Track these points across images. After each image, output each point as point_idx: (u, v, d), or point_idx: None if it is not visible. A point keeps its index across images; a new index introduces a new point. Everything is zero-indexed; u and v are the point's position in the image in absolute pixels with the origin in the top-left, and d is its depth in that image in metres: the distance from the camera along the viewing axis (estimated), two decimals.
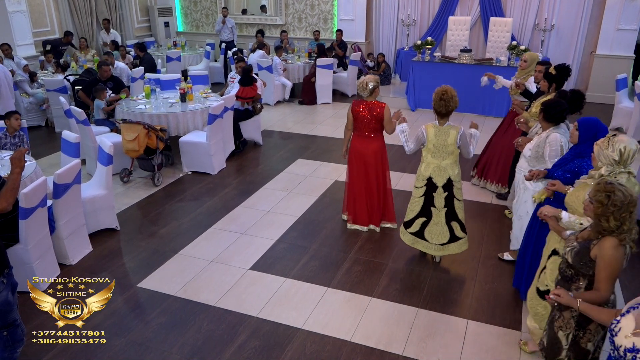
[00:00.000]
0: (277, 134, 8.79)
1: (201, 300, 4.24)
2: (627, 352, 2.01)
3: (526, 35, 10.98)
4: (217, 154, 6.90)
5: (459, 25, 10.83)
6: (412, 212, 4.65)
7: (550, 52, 10.82)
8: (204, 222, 5.58)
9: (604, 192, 2.48)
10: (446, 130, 4.35)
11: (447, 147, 4.35)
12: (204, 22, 14.15)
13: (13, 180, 2.97)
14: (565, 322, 2.75)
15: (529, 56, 6.02)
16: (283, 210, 5.85)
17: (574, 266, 2.68)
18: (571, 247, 2.72)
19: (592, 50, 10.66)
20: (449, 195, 4.47)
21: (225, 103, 6.94)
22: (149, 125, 6.39)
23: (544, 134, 4.13)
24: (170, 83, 8.47)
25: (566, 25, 10.70)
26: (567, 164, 3.62)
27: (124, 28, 13.08)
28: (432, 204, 4.52)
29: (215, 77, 12.27)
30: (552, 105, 4.05)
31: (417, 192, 4.56)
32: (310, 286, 4.45)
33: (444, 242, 4.60)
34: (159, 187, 6.48)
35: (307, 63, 11.03)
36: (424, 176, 4.48)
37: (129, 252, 5.02)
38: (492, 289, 4.42)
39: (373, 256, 4.94)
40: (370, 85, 4.90)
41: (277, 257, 4.91)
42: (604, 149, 2.99)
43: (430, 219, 4.56)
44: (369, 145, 5.08)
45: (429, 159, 4.45)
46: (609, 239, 2.50)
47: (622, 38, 10.15)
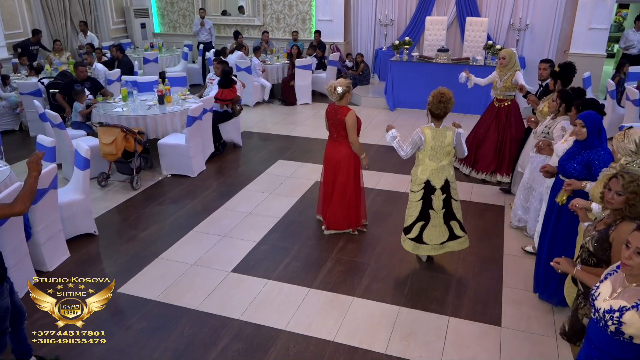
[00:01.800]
0: (256, 135, 8.77)
1: (183, 305, 4.20)
2: (605, 313, 2.27)
3: (502, 35, 11.15)
4: (196, 156, 6.85)
5: (436, 25, 10.94)
6: (410, 217, 4.57)
7: (525, 51, 11.00)
8: (185, 225, 5.53)
9: (634, 182, 2.62)
10: (443, 131, 4.32)
11: (444, 148, 4.32)
12: (181, 23, 14.02)
13: (30, 184, 3.02)
14: (590, 310, 2.77)
15: (506, 53, 6.21)
16: (264, 212, 5.84)
17: (595, 254, 2.78)
18: (591, 236, 2.83)
19: (565, 49, 10.87)
20: (447, 196, 4.45)
21: (204, 105, 6.89)
22: (126, 128, 6.32)
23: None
24: (148, 85, 8.38)
25: (540, 25, 10.89)
26: (575, 157, 3.73)
27: (99, 30, 12.88)
28: (431, 207, 4.46)
29: (193, 78, 12.17)
30: (591, 107, 3.97)
31: (415, 197, 4.49)
32: (292, 287, 4.45)
33: (443, 240, 4.58)
34: (137, 190, 6.41)
35: (285, 64, 11.03)
36: (421, 180, 4.42)
37: (108, 257, 4.95)
38: (472, 285, 4.48)
39: (355, 256, 4.96)
40: (339, 90, 4.78)
41: (258, 259, 4.90)
42: (620, 142, 3.16)
43: (429, 222, 4.51)
44: (339, 150, 5.04)
45: (426, 162, 4.38)
46: (627, 223, 2.63)
47: (594, 37, 10.37)
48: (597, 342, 2.38)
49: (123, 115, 6.81)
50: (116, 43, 11.03)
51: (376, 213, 5.80)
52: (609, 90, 8.25)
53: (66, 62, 9.99)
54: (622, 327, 2.22)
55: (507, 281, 4.52)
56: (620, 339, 2.26)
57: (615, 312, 2.24)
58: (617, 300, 2.26)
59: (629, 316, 2.20)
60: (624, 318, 2.21)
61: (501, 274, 4.64)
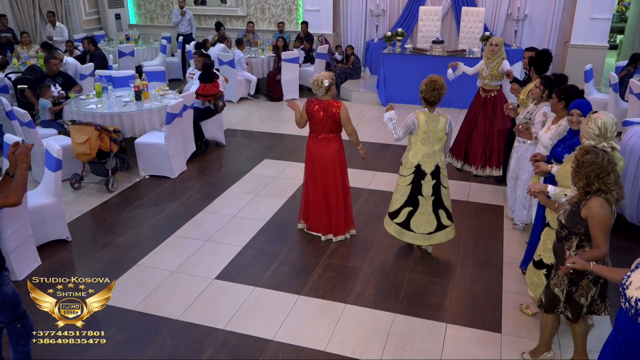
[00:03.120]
0: (241, 133, 8.75)
1: (163, 314, 4.19)
2: (638, 302, 2.39)
3: (499, 26, 11.25)
4: (176, 156, 6.82)
5: (430, 16, 11.00)
6: (397, 201, 4.81)
7: (524, 42, 11.10)
8: (165, 230, 5.51)
9: (583, 150, 3.00)
10: (436, 117, 4.58)
11: (437, 133, 4.57)
12: (158, 14, 13.96)
13: (22, 175, 3.16)
14: (559, 280, 3.30)
15: (498, 40, 6.48)
16: (249, 215, 5.83)
17: (567, 226, 3.19)
18: (564, 210, 3.23)
19: (566, 40, 11.00)
20: (436, 183, 4.68)
21: (184, 101, 6.87)
22: (101, 127, 6.27)
23: (562, 122, 4.30)
24: (124, 80, 8.33)
25: (539, 15, 11.01)
26: (565, 141, 4.02)
27: (71, 21, 12.76)
28: (420, 193, 4.70)
29: (172, 73, 12.12)
30: (571, 94, 4.21)
31: (404, 181, 4.73)
32: (280, 294, 4.45)
33: (431, 230, 4.78)
34: (113, 193, 6.37)
35: (271, 57, 11.02)
36: (412, 164, 4.67)
37: (82, 265, 4.92)
38: (470, 291, 4.52)
39: (346, 260, 4.97)
40: (326, 83, 4.86)
41: (244, 264, 4.89)
42: (585, 126, 3.45)
43: (417, 209, 4.74)
44: (325, 148, 5.06)
45: (418, 145, 4.63)
46: (595, 199, 2.99)
47: (595, 27, 10.51)
48: (627, 332, 2.50)
49: (97, 113, 6.76)
50: (89, 35, 10.95)
51: (369, 214, 5.82)
52: (612, 84, 8.35)
53: (35, 56, 9.88)
54: None
55: (507, 285, 4.56)
56: None
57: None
58: None
59: None
60: None
61: (501, 278, 4.68)
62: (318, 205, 5.23)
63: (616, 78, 8.32)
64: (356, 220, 5.66)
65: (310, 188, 5.24)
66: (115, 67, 10.63)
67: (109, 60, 10.26)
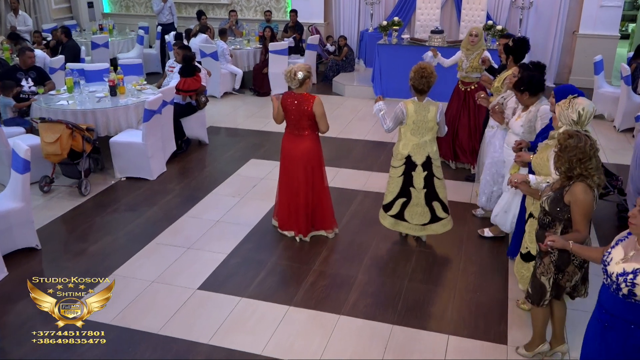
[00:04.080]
0: (225, 130, 8.74)
1: (142, 328, 4.17)
2: (619, 276, 2.64)
3: (503, 14, 11.31)
4: (155, 156, 6.81)
5: (429, 4, 11.04)
6: (390, 193, 5.01)
7: (530, 31, 11.16)
8: (143, 236, 5.49)
9: (566, 134, 3.18)
10: (426, 106, 4.75)
11: (427, 123, 4.75)
12: (135, 2, 13.90)
13: None
14: (545, 268, 3.45)
15: (478, 30, 6.67)
16: (235, 219, 5.83)
17: (550, 213, 3.36)
18: (547, 196, 3.39)
19: (574, 29, 11.08)
20: (428, 174, 4.86)
21: (163, 96, 6.85)
22: (72, 124, 6.24)
23: (532, 108, 4.67)
24: (97, 74, 8.30)
25: (546, 2, 11.06)
26: (546, 131, 4.18)
27: (39, 9, 12.69)
28: (411, 184, 4.88)
29: (150, 66, 12.08)
30: (530, 80, 4.58)
31: (395, 172, 4.93)
32: (269, 306, 4.45)
33: (425, 222, 4.99)
34: (87, 196, 6.34)
35: (257, 48, 11.02)
36: (402, 155, 4.86)
37: (53, 275, 4.82)
38: (473, 299, 4.54)
39: (340, 268, 4.98)
40: (300, 75, 4.88)
41: (229, 273, 4.89)
42: (564, 110, 3.59)
43: (410, 199, 4.93)
44: (299, 145, 5.10)
45: (407, 136, 4.84)
46: (578, 185, 3.17)
47: (606, 16, 10.59)
48: (609, 306, 2.77)
49: (68, 109, 6.73)
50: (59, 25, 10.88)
51: (364, 218, 5.83)
52: (624, 76, 8.42)
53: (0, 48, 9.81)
54: (635, 288, 2.58)
55: (514, 293, 4.58)
56: (632, 301, 2.64)
57: (629, 274, 2.60)
58: (630, 263, 2.62)
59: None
60: (637, 279, 2.56)
61: (506, 286, 4.70)
62: (287, 203, 5.31)
63: (628, 70, 8.38)
64: (350, 224, 5.69)
65: (284, 186, 5.31)
66: (88, 59, 10.57)
67: (81, 52, 10.20)
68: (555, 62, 11.25)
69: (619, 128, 8.51)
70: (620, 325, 2.73)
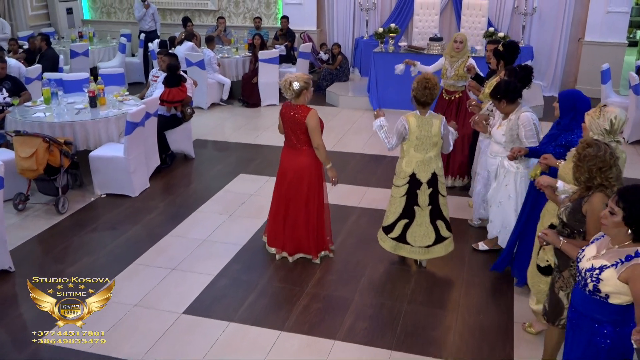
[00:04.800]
0: (212, 144, 8.75)
1: (123, 356, 4.14)
2: (587, 272, 2.86)
3: (505, 20, 11.43)
4: (138, 171, 6.80)
5: (427, 10, 11.15)
6: (392, 214, 4.95)
7: (533, 39, 11.30)
8: (124, 257, 5.47)
9: (585, 143, 3.24)
10: (429, 119, 4.71)
11: (431, 138, 4.71)
12: (117, 8, 13.97)
13: None
14: (565, 282, 3.47)
15: (462, 37, 6.78)
16: (223, 238, 5.82)
17: (569, 225, 3.39)
18: (565, 207, 3.44)
19: (580, 36, 11.21)
20: (433, 191, 4.83)
21: (146, 107, 6.86)
22: (49, 138, 6.24)
23: (512, 116, 4.85)
24: (76, 84, 8.30)
25: (550, 8, 11.19)
26: (556, 139, 4.35)
27: (15, 16, 12.72)
28: (416, 203, 4.84)
29: (133, 75, 12.12)
30: (506, 88, 4.78)
31: (398, 192, 4.89)
32: (259, 330, 4.43)
33: (429, 243, 4.94)
34: (64, 215, 6.32)
35: (247, 57, 11.07)
36: (406, 173, 4.83)
37: (27, 299, 4.79)
38: (477, 322, 4.53)
39: (335, 289, 4.97)
40: (296, 86, 4.85)
41: (217, 296, 4.87)
42: (595, 119, 3.65)
43: (413, 220, 4.88)
44: (295, 160, 5.09)
45: (411, 153, 4.79)
46: (597, 195, 3.20)
47: (612, 22, 10.72)
48: (577, 303, 3.00)
49: (45, 122, 6.72)
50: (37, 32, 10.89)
51: (360, 237, 5.83)
52: (632, 85, 8.50)
53: None
54: (600, 284, 2.79)
55: (520, 315, 4.58)
56: (597, 298, 2.84)
57: (595, 270, 2.81)
58: (599, 260, 2.83)
59: (608, 274, 2.76)
60: (602, 275, 2.77)
61: (511, 307, 4.71)
62: (277, 219, 5.30)
63: (637, 78, 8.47)
64: (345, 243, 5.68)
65: (279, 203, 5.29)
66: (66, 69, 10.59)
67: (59, 61, 10.21)
68: (560, 71, 11.35)
69: (627, 140, 8.57)
70: (585, 322, 2.94)
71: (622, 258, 2.74)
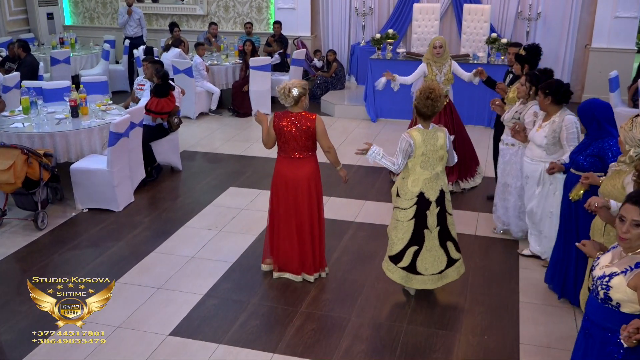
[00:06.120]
0: (201, 155, 8.76)
1: None
2: (598, 279, 2.95)
3: (508, 26, 11.51)
4: (122, 185, 6.80)
5: (427, 15, 11.23)
6: (400, 241, 4.78)
7: None
8: (107, 276, 5.41)
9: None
10: (433, 133, 4.65)
11: (437, 152, 4.65)
12: (100, 13, 14.03)
13: None
14: None
15: (442, 41, 7.02)
16: (212, 255, 5.82)
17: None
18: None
19: (586, 42, 11.29)
20: (440, 210, 4.74)
21: (131, 117, 6.87)
22: (28, 150, 6.24)
23: (556, 118, 4.98)
24: (57, 93, 8.29)
25: (555, 13, 11.28)
26: (586, 149, 4.48)
27: None
28: (425, 226, 4.73)
29: (117, 83, 12.15)
30: (558, 87, 4.89)
31: (405, 215, 4.73)
32: (250, 353, 4.42)
33: (442, 268, 4.85)
34: (43, 231, 6.31)
35: (237, 64, 11.11)
36: (413, 193, 4.69)
37: (4, 321, 4.83)
38: (481, 344, 4.54)
39: (330, 309, 4.97)
40: (295, 92, 4.91)
41: (205, 317, 4.86)
42: (628, 132, 3.70)
43: (422, 246, 4.76)
44: (300, 170, 5.09)
45: (417, 170, 4.67)
46: None
47: (620, 27, 10.79)
48: (590, 312, 3.06)
49: (24, 133, 6.73)
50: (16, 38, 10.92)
51: (357, 253, 5.84)
52: None
53: None
54: (610, 291, 2.86)
55: (525, 336, 4.59)
56: (609, 307, 2.90)
57: (605, 277, 2.89)
58: (611, 268, 2.91)
59: (617, 280, 2.83)
60: (611, 282, 2.84)
61: (517, 327, 4.71)
62: (290, 239, 5.23)
63: None
64: (342, 260, 5.69)
65: (281, 219, 5.24)
66: (46, 77, 10.61)
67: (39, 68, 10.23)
68: (566, 79, 11.36)
69: None
70: (597, 332, 2.99)
71: (632, 265, 2.82)
